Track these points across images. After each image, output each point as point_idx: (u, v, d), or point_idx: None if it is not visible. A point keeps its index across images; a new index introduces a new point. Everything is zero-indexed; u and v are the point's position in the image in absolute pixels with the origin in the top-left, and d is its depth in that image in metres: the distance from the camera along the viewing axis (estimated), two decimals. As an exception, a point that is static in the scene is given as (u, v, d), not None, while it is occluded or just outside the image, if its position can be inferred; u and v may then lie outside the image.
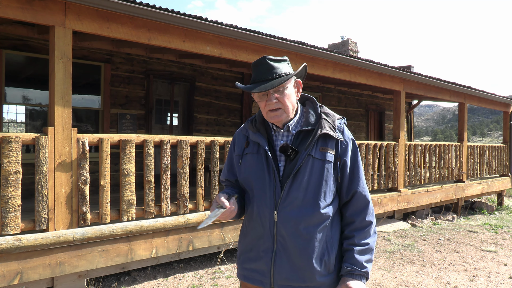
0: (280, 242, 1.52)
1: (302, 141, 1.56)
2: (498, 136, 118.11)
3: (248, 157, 1.62)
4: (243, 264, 1.64)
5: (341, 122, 1.62)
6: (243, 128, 1.72)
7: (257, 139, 1.59)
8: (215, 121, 8.47)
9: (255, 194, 1.58)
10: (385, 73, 6.90)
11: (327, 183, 1.53)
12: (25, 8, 3.34)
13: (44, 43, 6.16)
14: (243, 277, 1.64)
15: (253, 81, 1.56)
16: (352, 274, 1.50)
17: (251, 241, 1.60)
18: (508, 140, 10.87)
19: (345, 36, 14.13)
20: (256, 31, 4.89)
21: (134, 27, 3.99)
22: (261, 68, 1.54)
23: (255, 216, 1.58)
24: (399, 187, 7.18)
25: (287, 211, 1.50)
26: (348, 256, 1.53)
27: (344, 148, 1.57)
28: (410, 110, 13.05)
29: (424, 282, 4.37)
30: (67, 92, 3.54)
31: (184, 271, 4.51)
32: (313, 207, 1.50)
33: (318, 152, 1.53)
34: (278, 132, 1.61)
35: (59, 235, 3.46)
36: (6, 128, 6.22)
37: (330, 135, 1.55)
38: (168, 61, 7.66)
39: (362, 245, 1.54)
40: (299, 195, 1.50)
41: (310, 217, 1.50)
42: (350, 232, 1.57)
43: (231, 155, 1.75)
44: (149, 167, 4.08)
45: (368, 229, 1.57)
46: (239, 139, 1.71)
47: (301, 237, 1.49)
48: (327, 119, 1.59)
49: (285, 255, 1.51)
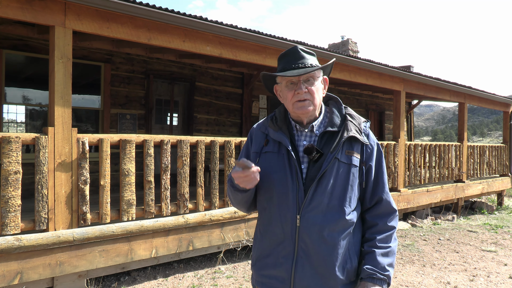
0: (302, 248, 1.43)
1: (327, 142, 1.49)
2: (498, 136, 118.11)
3: (267, 157, 1.52)
4: (260, 270, 1.54)
5: (367, 125, 1.57)
6: (261, 125, 1.61)
7: (279, 138, 1.50)
8: (215, 121, 8.47)
9: (275, 197, 1.48)
10: (385, 73, 6.90)
11: (352, 188, 1.46)
12: (25, 8, 3.34)
13: (44, 43, 6.16)
14: (260, 284, 1.54)
15: (282, 69, 1.48)
16: (373, 278, 1.42)
17: (269, 246, 1.50)
18: (508, 140, 10.87)
19: (345, 36, 14.13)
20: (256, 31, 4.90)
21: (134, 27, 3.99)
22: (291, 57, 1.48)
23: (275, 219, 1.48)
24: (399, 187, 7.18)
25: (311, 216, 1.42)
26: (369, 258, 1.45)
27: (369, 153, 1.51)
28: (410, 110, 13.05)
29: (424, 282, 4.37)
30: (67, 92, 3.54)
31: (184, 271, 4.51)
32: (339, 213, 1.43)
33: (344, 156, 1.46)
34: (301, 132, 1.52)
35: (59, 235, 3.46)
36: (6, 128, 6.22)
37: (356, 138, 1.48)
38: (168, 61, 7.66)
39: (384, 248, 1.46)
40: (323, 200, 1.42)
41: (335, 223, 1.43)
42: (372, 235, 1.50)
43: (248, 151, 1.63)
44: (149, 167, 4.08)
45: (391, 233, 1.50)
46: (257, 135, 1.60)
47: (325, 243, 1.41)
48: (353, 121, 1.53)
49: (307, 262, 1.43)
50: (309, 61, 1.48)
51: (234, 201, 1.59)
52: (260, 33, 4.93)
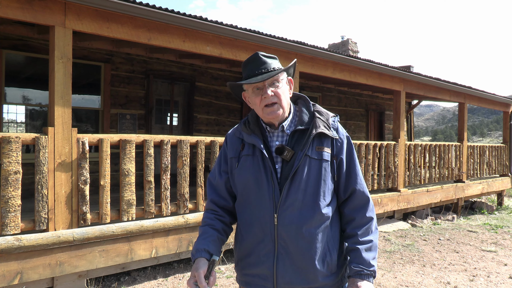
0: (281, 246, 1.48)
1: (298, 141, 1.53)
2: (498, 136, 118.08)
3: (244, 160, 1.57)
4: (242, 270, 1.59)
5: (335, 119, 1.60)
6: (236, 130, 1.66)
7: (252, 141, 1.54)
8: (215, 121, 8.47)
9: (252, 198, 1.53)
10: (385, 73, 6.90)
11: (325, 182, 1.51)
12: (25, 8, 3.34)
13: (44, 43, 6.16)
14: (244, 283, 1.59)
15: (247, 77, 1.52)
16: (360, 274, 1.47)
17: (250, 246, 1.55)
18: (508, 140, 10.87)
19: (345, 36, 14.13)
20: (256, 31, 4.89)
21: (134, 27, 3.99)
22: (254, 64, 1.51)
23: (254, 220, 1.53)
24: (399, 187, 7.18)
25: (287, 213, 1.47)
26: (354, 255, 1.50)
27: (339, 146, 1.55)
28: (410, 110, 13.05)
29: (424, 282, 4.37)
30: (67, 92, 3.54)
31: (184, 271, 4.51)
32: (314, 208, 1.48)
33: (314, 152, 1.50)
34: (272, 133, 1.57)
35: (59, 235, 3.46)
36: (6, 128, 6.22)
37: (325, 133, 1.52)
38: (168, 61, 7.66)
39: (367, 243, 1.51)
40: (298, 197, 1.47)
41: (311, 218, 1.47)
42: (352, 230, 1.54)
43: (225, 157, 1.65)
44: (149, 167, 4.08)
45: (370, 225, 1.55)
46: (232, 141, 1.64)
47: (303, 239, 1.47)
48: (320, 117, 1.56)
49: (288, 258, 1.48)
50: (271, 65, 1.51)
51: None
52: (260, 33, 4.93)
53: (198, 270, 1.41)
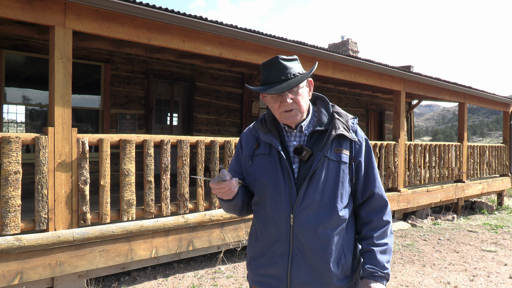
0: (296, 246, 1.47)
1: (316, 141, 1.52)
2: (498, 136, 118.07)
3: (259, 159, 1.55)
4: (255, 269, 1.57)
5: (354, 122, 1.59)
6: (252, 128, 1.64)
7: (269, 140, 1.53)
8: (215, 121, 8.47)
9: (268, 197, 1.51)
10: (385, 73, 6.90)
11: (343, 184, 1.49)
12: (25, 8, 3.34)
13: (44, 43, 6.16)
14: (256, 283, 1.57)
15: (266, 82, 1.48)
16: (374, 276, 1.47)
17: (264, 246, 1.53)
18: (508, 140, 10.87)
19: (345, 36, 14.13)
20: (256, 31, 4.89)
21: (134, 27, 3.99)
22: (274, 69, 1.47)
23: (270, 220, 1.51)
24: (399, 187, 7.18)
25: (304, 214, 1.46)
26: (369, 257, 1.50)
27: (358, 149, 1.54)
28: (410, 110, 13.05)
29: (424, 282, 4.37)
30: (67, 92, 3.54)
31: (184, 271, 4.51)
32: (331, 210, 1.47)
33: (333, 153, 1.49)
34: (290, 133, 1.55)
35: (59, 235, 3.46)
36: (6, 128, 6.22)
37: (344, 135, 1.51)
38: (168, 61, 7.66)
39: (382, 245, 1.50)
40: (315, 198, 1.46)
41: (328, 220, 1.46)
42: (368, 232, 1.53)
43: (238, 157, 1.66)
44: (149, 167, 4.08)
45: (386, 228, 1.54)
46: (247, 139, 1.64)
47: (319, 240, 1.45)
48: (340, 119, 1.55)
49: (302, 259, 1.46)
50: (291, 71, 1.46)
51: (223, 208, 1.62)
52: (260, 33, 4.93)
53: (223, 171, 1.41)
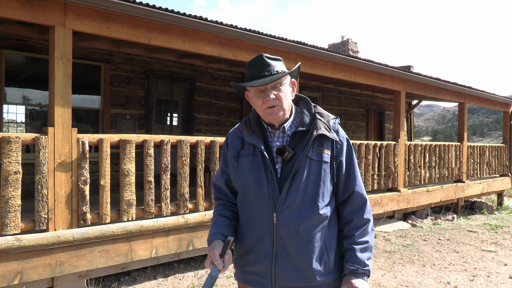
0: (280, 244, 1.52)
1: (298, 142, 1.57)
2: (498, 136, 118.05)
3: (244, 159, 1.60)
4: (241, 267, 1.63)
5: (336, 122, 1.63)
6: (236, 129, 1.70)
7: (253, 141, 1.58)
8: (215, 121, 8.47)
9: (252, 197, 1.57)
10: (385, 73, 6.90)
11: (324, 183, 1.54)
12: (25, 8, 3.34)
13: (44, 43, 6.16)
14: (243, 280, 1.63)
15: (250, 78, 1.55)
16: (355, 273, 1.53)
17: (249, 244, 1.59)
18: (508, 140, 10.87)
19: (345, 36, 14.14)
20: (256, 31, 4.89)
21: (134, 27, 3.99)
22: (258, 66, 1.54)
23: (254, 219, 1.57)
24: (399, 187, 7.18)
25: (286, 213, 1.50)
26: (350, 255, 1.55)
27: (339, 148, 1.58)
28: (410, 110, 13.05)
29: (424, 282, 4.37)
30: (67, 92, 3.54)
31: (184, 271, 4.51)
32: (312, 208, 1.51)
33: (314, 153, 1.53)
34: (273, 133, 1.60)
35: (59, 235, 3.46)
36: (6, 128, 6.22)
37: (325, 135, 1.55)
38: (168, 61, 7.66)
39: (362, 243, 1.56)
40: (297, 197, 1.50)
41: (310, 218, 1.51)
42: (349, 231, 1.58)
43: (225, 157, 1.72)
44: (149, 167, 4.08)
45: (366, 227, 1.59)
46: (233, 140, 1.68)
47: (301, 238, 1.50)
48: (321, 119, 1.59)
49: (286, 257, 1.52)
50: (275, 68, 1.53)
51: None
52: (260, 33, 4.93)
53: (213, 249, 1.48)
